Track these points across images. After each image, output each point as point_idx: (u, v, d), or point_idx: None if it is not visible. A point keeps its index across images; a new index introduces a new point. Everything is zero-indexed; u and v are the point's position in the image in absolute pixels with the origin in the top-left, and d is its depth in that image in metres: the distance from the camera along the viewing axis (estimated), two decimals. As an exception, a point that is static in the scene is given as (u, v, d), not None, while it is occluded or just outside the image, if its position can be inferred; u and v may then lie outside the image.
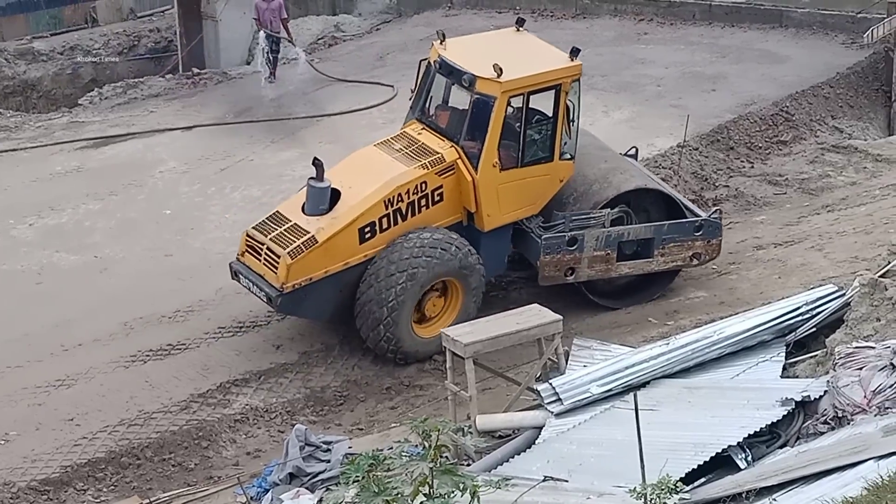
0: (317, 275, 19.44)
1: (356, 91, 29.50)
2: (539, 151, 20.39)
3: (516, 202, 20.45)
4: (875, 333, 15.59)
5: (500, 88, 19.66)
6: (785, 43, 30.57)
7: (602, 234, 20.53)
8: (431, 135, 20.51)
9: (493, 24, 33.08)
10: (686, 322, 19.31)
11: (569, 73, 20.18)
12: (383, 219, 19.76)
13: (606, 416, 15.68)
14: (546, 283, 20.70)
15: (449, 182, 20.14)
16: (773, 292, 19.78)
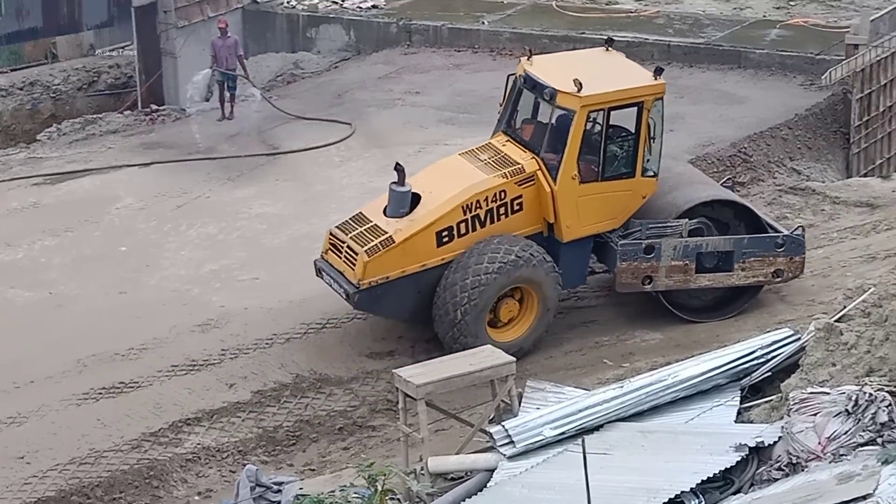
0: (394, 274, 20.10)
1: (314, 128, 29.43)
2: (621, 167, 20.86)
3: (597, 215, 20.92)
4: (830, 379, 15.55)
5: (579, 102, 20.24)
6: (743, 84, 30.68)
7: (680, 244, 20.81)
8: (515, 146, 21.08)
9: (452, 62, 33.25)
10: (641, 364, 19.23)
11: (651, 92, 20.69)
12: (461, 224, 20.37)
13: (559, 460, 15.58)
14: (623, 289, 21.13)
15: (529, 192, 20.64)
16: (729, 335, 19.74)
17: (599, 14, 35.37)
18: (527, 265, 20.26)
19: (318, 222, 24.54)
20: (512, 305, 20.60)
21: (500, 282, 20.16)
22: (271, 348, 20.85)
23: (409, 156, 27.36)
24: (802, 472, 14.53)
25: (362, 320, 21.46)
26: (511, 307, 20.60)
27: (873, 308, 15.97)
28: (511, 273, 20.17)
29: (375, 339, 21.13)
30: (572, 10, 35.72)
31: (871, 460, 14.12)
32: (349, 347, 20.97)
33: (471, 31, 34.52)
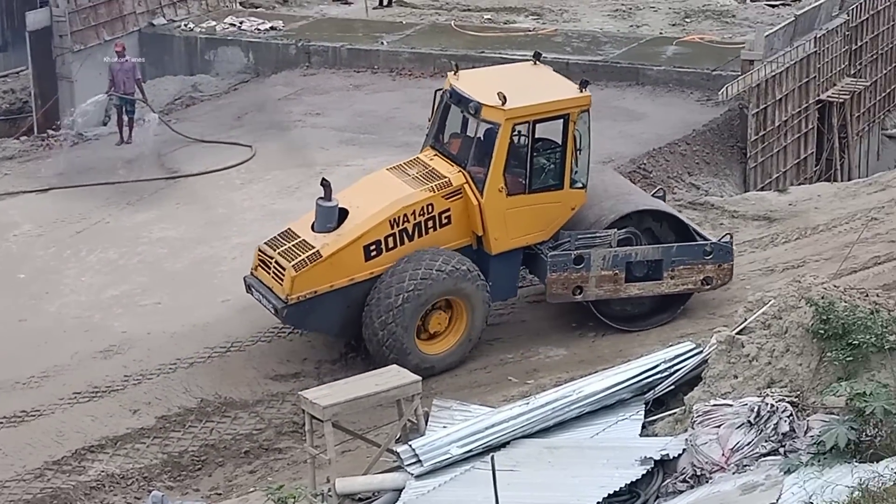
0: (322, 289, 20.16)
1: (214, 151, 29.26)
2: (548, 179, 21.04)
3: (525, 227, 21.06)
4: (732, 391, 15.71)
5: (504, 116, 20.42)
6: (642, 100, 30.96)
7: (609, 254, 21.02)
8: (443, 161, 21.22)
9: (352, 83, 33.24)
10: (546, 381, 19.31)
11: (576, 104, 20.88)
12: (389, 238, 20.49)
13: (467, 478, 15.60)
14: (554, 300, 21.31)
15: (457, 206, 20.79)
16: (632, 350, 19.89)
17: (498, 33, 35.53)
18: (451, 278, 20.34)
19: (220, 245, 24.44)
20: (441, 318, 20.69)
21: (426, 295, 20.25)
22: (175, 373, 20.67)
23: (311, 177, 27.23)
24: (707, 483, 14.66)
25: (266, 343, 21.37)
26: (440, 320, 20.70)
27: (773, 320, 16.15)
28: (437, 286, 20.27)
29: (280, 361, 21.03)
30: (471, 29, 35.88)
31: (774, 470, 14.30)
32: (254, 370, 20.84)
33: (370, 52, 34.54)
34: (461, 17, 37.58)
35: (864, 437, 14.18)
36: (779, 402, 15.01)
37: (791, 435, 14.71)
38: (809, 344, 15.47)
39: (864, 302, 15.85)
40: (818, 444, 14.29)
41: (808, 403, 15.09)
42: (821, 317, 15.29)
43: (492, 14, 37.84)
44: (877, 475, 13.12)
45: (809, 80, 31.50)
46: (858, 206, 24.86)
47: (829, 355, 15.15)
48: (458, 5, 38.91)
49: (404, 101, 31.83)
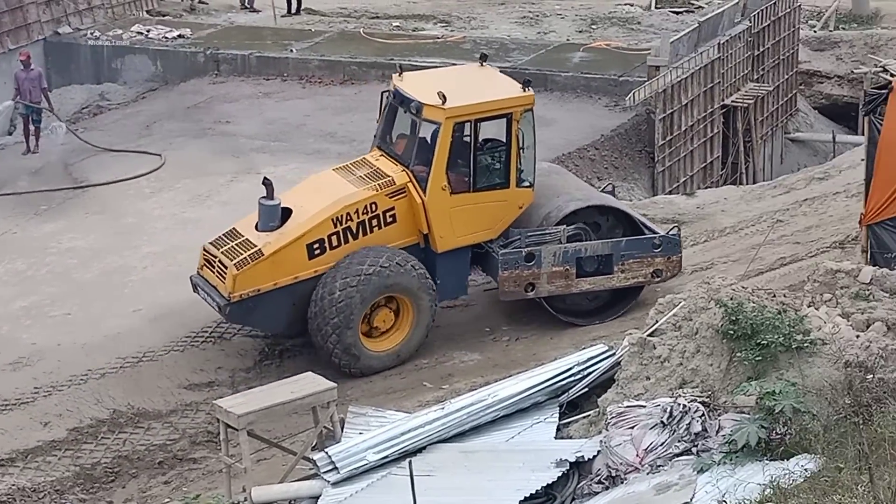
0: (265, 287, 20.31)
1: (123, 160, 29.04)
2: (494, 178, 21.24)
3: (471, 226, 21.25)
4: (645, 392, 15.88)
5: (444, 114, 20.64)
6: (550, 106, 31.10)
7: (559, 250, 21.24)
8: (388, 161, 21.43)
9: (261, 90, 33.12)
10: (461, 385, 19.39)
11: (519, 103, 21.08)
12: (332, 236, 20.63)
13: (383, 484, 15.63)
14: (507, 298, 21.51)
15: (401, 204, 20.98)
16: (546, 353, 20.01)
17: (407, 40, 35.59)
18: (394, 274, 20.52)
19: (131, 255, 24.26)
20: (386, 315, 20.84)
21: (367, 291, 20.39)
22: (86, 384, 20.48)
23: (221, 185, 27.23)
24: (622, 484, 14.81)
25: (179, 352, 21.24)
26: (385, 316, 20.85)
27: (684, 321, 16.35)
28: (379, 281, 20.43)
29: (193, 370, 20.92)
30: (379, 36, 35.90)
31: (688, 469, 14.48)
32: (167, 380, 20.70)
33: (279, 60, 34.44)
34: (370, 25, 37.61)
35: (775, 435, 14.41)
36: (691, 402, 15.21)
37: (703, 434, 14.91)
38: (719, 344, 15.68)
39: (772, 302, 16.11)
40: (730, 443, 14.50)
41: (719, 403, 15.30)
42: (730, 318, 15.51)
43: (400, 21, 37.90)
44: (787, 472, 13.34)
45: (714, 85, 31.87)
46: (764, 208, 25.19)
47: (739, 355, 15.37)
48: (366, 13, 38.94)
49: (315, 108, 31.79)
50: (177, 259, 23.68)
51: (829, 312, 16.26)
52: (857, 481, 12.02)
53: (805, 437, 14.15)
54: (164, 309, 22.21)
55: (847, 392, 14.27)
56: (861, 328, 15.91)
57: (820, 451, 13.66)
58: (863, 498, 11.46)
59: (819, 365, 15.06)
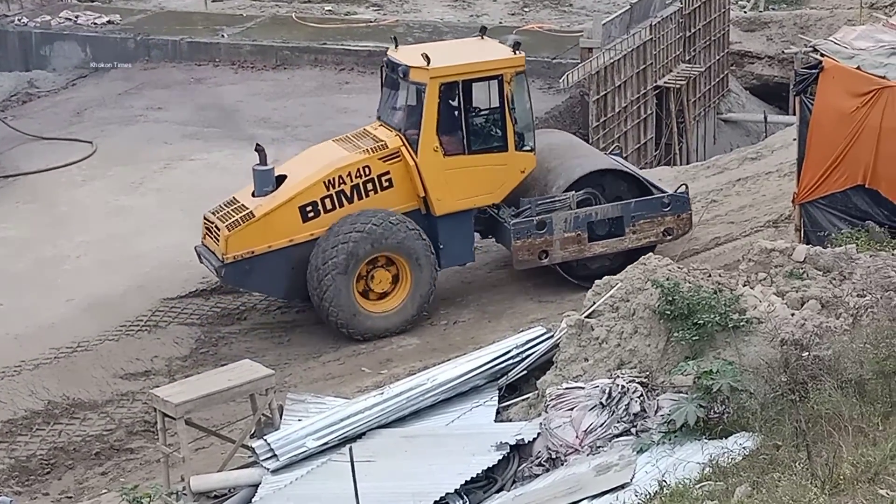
0: (259, 249, 20.60)
1: (54, 148, 28.76)
2: (491, 141, 21.51)
3: (470, 189, 21.47)
4: (584, 373, 15.92)
5: (428, 75, 20.91)
6: (483, 89, 31.10)
7: (570, 216, 21.54)
8: (385, 129, 21.76)
9: (193, 76, 32.91)
10: (399, 370, 19.37)
11: (509, 65, 21.36)
12: (326, 199, 20.89)
13: (324, 470, 15.58)
14: (521, 267, 21.79)
15: (397, 168, 21.22)
16: (484, 337, 20.03)
17: (339, 24, 35.50)
18: (388, 232, 20.76)
19: (64, 244, 24.04)
20: (383, 276, 21.10)
21: (359, 250, 20.64)
22: (20, 375, 20.26)
23: (155, 172, 27.05)
24: (562, 466, 14.85)
25: (114, 341, 21.07)
26: (383, 278, 21.10)
27: (621, 303, 16.41)
28: (369, 240, 20.67)
29: (129, 359, 20.75)
30: (312, 21, 35.77)
31: (627, 450, 14.54)
32: (102, 370, 20.54)
33: (211, 45, 34.24)
34: (302, 9, 37.45)
35: (713, 414, 14.48)
36: (629, 383, 15.26)
37: (642, 415, 14.97)
38: (657, 325, 15.75)
39: (708, 282, 16.19)
40: (668, 423, 14.57)
41: (657, 383, 15.36)
42: (666, 298, 15.57)
43: (332, 6, 37.77)
44: (726, 451, 13.42)
45: (646, 66, 32.00)
46: (698, 188, 25.30)
47: (676, 335, 15.44)
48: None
49: (247, 93, 31.64)
50: (110, 247, 23.50)
51: (765, 291, 16.36)
52: (794, 458, 12.11)
53: (743, 416, 14.24)
54: (99, 298, 22.03)
55: (783, 370, 14.35)
56: (796, 306, 16.03)
57: (758, 428, 13.75)
58: (801, 475, 11.54)
59: (755, 343, 15.15)
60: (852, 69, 19.49)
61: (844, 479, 11.31)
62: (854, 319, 15.52)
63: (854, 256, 16.87)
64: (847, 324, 15.44)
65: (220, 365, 18.24)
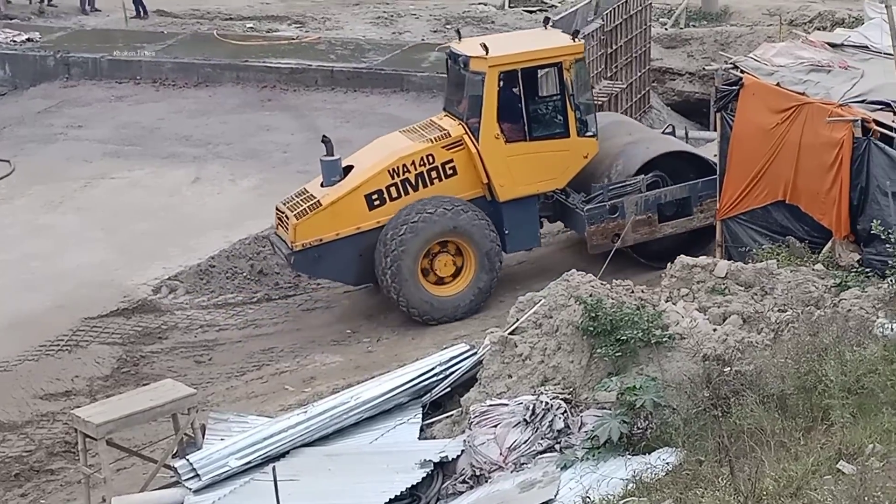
0: (328, 236, 21.23)
1: (-28, 167, 28.43)
2: (551, 127, 22.02)
3: (533, 175, 21.88)
4: (507, 390, 15.93)
5: (486, 63, 21.39)
6: (407, 106, 31.12)
7: (640, 199, 21.97)
8: (450, 119, 22.31)
9: (114, 94, 32.67)
10: (323, 388, 19.25)
11: (568, 52, 21.80)
12: (391, 187, 21.46)
13: (247, 490, 15.49)
14: (595, 251, 21.95)
15: (461, 156, 21.72)
16: (408, 354, 19.99)
17: (261, 41, 35.34)
18: (444, 218, 21.23)
19: (-16, 265, 23.76)
20: (447, 260, 21.61)
21: (423, 234, 21.18)
22: (-62, 396, 20.01)
23: (75, 191, 26.80)
24: (486, 483, 14.85)
25: (34, 361, 20.82)
26: (446, 261, 21.60)
27: (544, 319, 16.44)
28: (436, 224, 21.21)
29: (49, 380, 20.51)
30: (233, 38, 35.58)
31: (551, 466, 14.56)
32: (21, 390, 20.28)
33: (132, 63, 33.97)
34: (223, 27, 37.23)
35: (636, 430, 14.55)
36: (553, 399, 15.30)
37: (566, 431, 15.00)
38: (580, 341, 15.80)
39: (631, 298, 16.27)
40: (592, 439, 14.61)
41: (580, 399, 15.42)
42: (590, 314, 15.63)
43: (254, 23, 37.60)
44: (649, 466, 13.47)
45: (569, 83, 32.04)
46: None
47: (599, 351, 15.50)
48: (219, 14, 38.55)
49: (169, 111, 31.43)
50: (30, 267, 23.25)
51: (687, 307, 16.47)
52: (717, 473, 12.17)
53: (666, 431, 14.31)
54: (18, 318, 21.79)
55: (706, 385, 14.43)
56: (718, 322, 16.15)
57: (681, 444, 13.82)
58: (724, 490, 11.60)
59: (678, 359, 15.24)
60: (772, 86, 19.67)
61: (767, 493, 11.40)
62: (775, 334, 15.66)
63: (775, 272, 17.04)
64: (768, 339, 15.56)
65: (142, 384, 18.09)
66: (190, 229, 24.66)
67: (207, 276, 23.40)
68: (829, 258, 18.27)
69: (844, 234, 18.43)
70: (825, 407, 13.18)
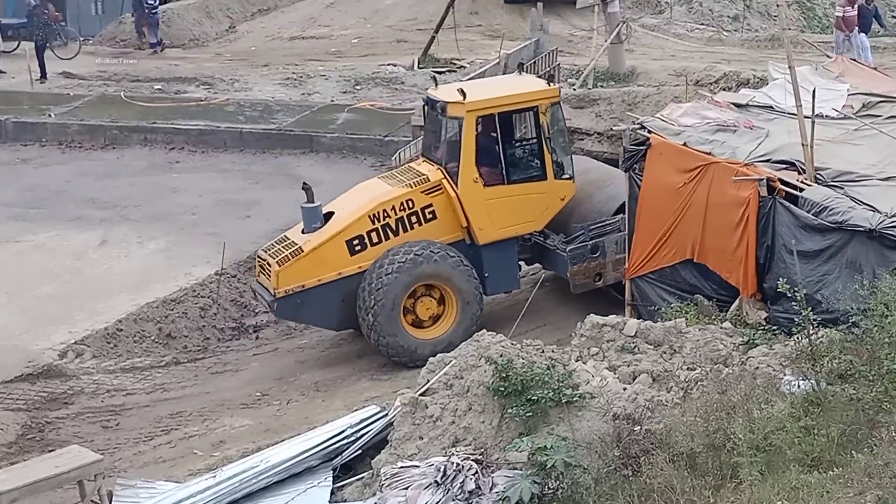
0: (310, 283, 21.41)
1: None
2: (529, 170, 22.35)
3: (511, 218, 22.22)
4: (419, 452, 15.86)
5: (464, 108, 21.78)
6: (317, 167, 31.10)
7: (621, 238, 21.92)
8: (428, 164, 22.65)
9: (19, 157, 32.38)
10: (232, 452, 19.02)
11: (543, 96, 22.26)
12: (372, 233, 21.74)
13: (155, 557, 15.24)
14: (578, 290, 22.36)
15: (440, 201, 22.03)
16: (318, 416, 19.82)
17: (169, 103, 35.20)
18: (427, 261, 21.43)
19: None
20: (429, 304, 21.78)
21: (402, 280, 21.33)
22: None
23: (-22, 255, 26.40)
24: (397, 546, 14.73)
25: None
26: (429, 305, 21.78)
27: (455, 380, 16.41)
28: (412, 270, 21.36)
29: (-49, 445, 20.13)
30: (141, 100, 35.42)
31: (462, 528, 14.47)
32: (-79, 458, 19.88)
33: (37, 125, 33.67)
34: (131, 88, 37.04)
35: (547, 490, 14.54)
36: (464, 460, 15.23)
37: (477, 492, 14.93)
38: (491, 401, 15.77)
39: (541, 358, 16.28)
40: (504, 500, 14.56)
41: (492, 460, 15.35)
42: (500, 374, 15.62)
43: (162, 84, 37.44)
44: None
45: (479, 143, 32.18)
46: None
47: (510, 412, 15.47)
48: (127, 76, 38.34)
49: (75, 173, 31.14)
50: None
51: (597, 366, 16.50)
52: (629, 533, 12.17)
53: (577, 491, 14.30)
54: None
55: (616, 444, 14.46)
56: (628, 380, 16.19)
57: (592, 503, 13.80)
58: (635, 549, 11.59)
59: (588, 418, 15.24)
60: (679, 145, 19.88)
61: (678, 552, 11.39)
62: (685, 393, 15.71)
63: (683, 330, 17.14)
64: (678, 397, 15.62)
65: (48, 451, 17.76)
66: (97, 293, 24.37)
67: (114, 339, 23.12)
68: (736, 316, 18.44)
69: (751, 293, 18.61)
70: (734, 465, 13.24)
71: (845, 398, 13.88)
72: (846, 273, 17.14)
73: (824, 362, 14.64)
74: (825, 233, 17.57)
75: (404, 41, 41.95)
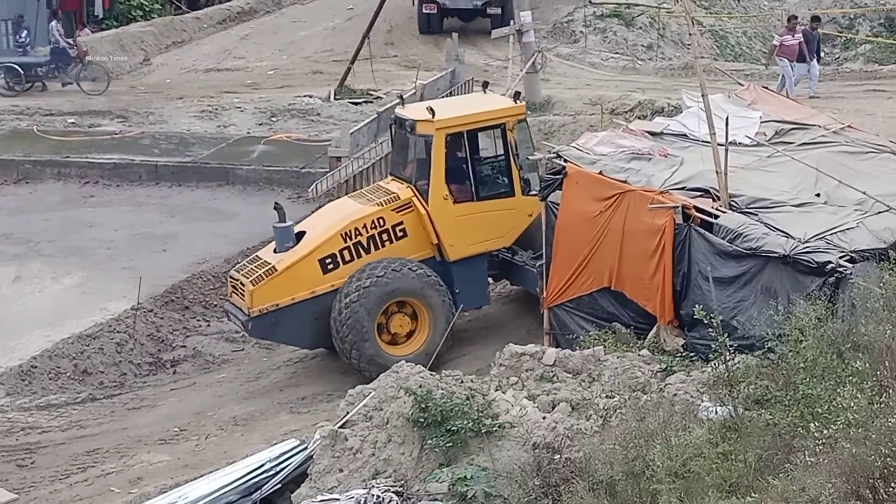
0: (283, 301, 21.56)
1: None
2: (497, 187, 22.57)
3: (481, 234, 22.46)
4: (339, 485, 15.80)
5: (434, 126, 22.02)
6: (233, 200, 30.98)
7: None
8: (398, 182, 22.87)
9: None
10: (150, 489, 18.83)
11: (511, 114, 22.57)
12: (344, 251, 21.90)
13: None
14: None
15: (410, 218, 22.26)
16: (237, 451, 19.67)
17: (83, 137, 34.89)
18: (392, 280, 21.55)
19: None
20: (402, 320, 21.93)
21: (370, 302, 21.45)
22: None
23: None
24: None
25: None
26: (402, 322, 21.93)
27: (375, 412, 16.37)
28: (378, 291, 21.49)
29: None
30: (54, 133, 35.09)
31: (386, 561, 14.41)
32: None
33: (-53, 160, 33.26)
34: (43, 122, 36.66)
35: (469, 521, 14.48)
36: (384, 492, 15.19)
37: (398, 525, 14.88)
38: (410, 433, 15.75)
39: (460, 388, 16.28)
40: (425, 532, 14.51)
41: (412, 492, 15.35)
42: (419, 405, 15.60)
43: (76, 118, 37.10)
44: (483, 558, 13.41)
45: (396, 174, 32.20)
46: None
47: (430, 442, 15.46)
48: (39, 110, 37.93)
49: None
50: None
51: (516, 395, 16.52)
52: (550, 562, 12.16)
53: (498, 521, 14.28)
54: None
55: (536, 473, 14.48)
56: (547, 409, 16.22)
57: (513, 533, 13.80)
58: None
59: (508, 448, 15.25)
60: (595, 174, 19.99)
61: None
62: (604, 421, 15.78)
63: (602, 358, 17.21)
64: (597, 425, 15.68)
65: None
66: (10, 329, 24.06)
67: (29, 377, 22.82)
68: (654, 343, 18.53)
69: (668, 320, 18.72)
70: (653, 492, 13.28)
71: (762, 423, 14.00)
72: (761, 299, 17.28)
73: (741, 388, 14.76)
74: (740, 259, 17.73)
75: (320, 72, 41.89)
